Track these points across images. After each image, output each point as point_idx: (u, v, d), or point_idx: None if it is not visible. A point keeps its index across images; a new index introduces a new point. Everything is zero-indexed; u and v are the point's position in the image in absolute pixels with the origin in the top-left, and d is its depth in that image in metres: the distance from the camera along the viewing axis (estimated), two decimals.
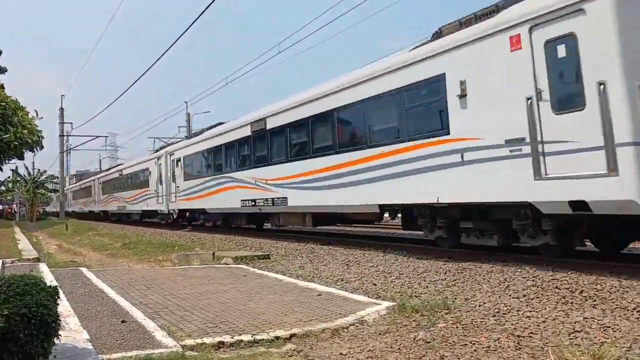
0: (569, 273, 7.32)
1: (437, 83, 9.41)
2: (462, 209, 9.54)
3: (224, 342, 4.94)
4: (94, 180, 45.44)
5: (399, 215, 12.36)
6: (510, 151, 8.09)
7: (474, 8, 9.90)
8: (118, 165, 42.76)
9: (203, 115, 72.71)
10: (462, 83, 8.89)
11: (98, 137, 48.66)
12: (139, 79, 48.38)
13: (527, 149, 7.85)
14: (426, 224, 10.56)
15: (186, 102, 45.23)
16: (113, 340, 5.04)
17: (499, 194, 8.41)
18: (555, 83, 7.56)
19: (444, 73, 9.25)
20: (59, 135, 47.93)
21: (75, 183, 60.71)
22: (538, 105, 7.70)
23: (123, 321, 5.80)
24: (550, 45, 7.58)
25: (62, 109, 47.97)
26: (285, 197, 14.54)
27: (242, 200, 17.09)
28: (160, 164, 26.01)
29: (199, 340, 4.96)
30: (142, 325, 5.59)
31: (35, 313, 3.64)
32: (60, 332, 3.98)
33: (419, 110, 10.01)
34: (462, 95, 8.89)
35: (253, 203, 16.36)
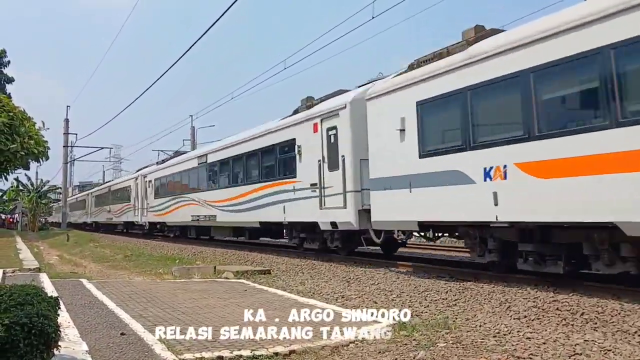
0: (570, 295, 7.30)
1: (292, 144, 14.44)
2: (302, 225, 14.50)
3: (222, 356, 4.92)
4: (88, 194, 49.99)
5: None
6: (312, 191, 13.30)
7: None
8: (108, 182, 47.50)
9: (208, 129, 73.34)
10: (299, 147, 14.04)
11: (102, 148, 48.55)
12: (147, 89, 49.01)
13: (318, 191, 13.05)
14: (290, 235, 15.86)
15: (191, 116, 45.39)
16: (112, 353, 5.03)
17: (308, 216, 13.61)
18: (329, 154, 12.75)
19: (295, 138, 14.28)
20: (63, 146, 48.07)
21: (72, 196, 61.49)
22: (323, 166, 12.95)
23: (122, 333, 5.79)
24: (328, 131, 12.80)
25: (67, 120, 48.19)
26: (215, 215, 19.50)
27: (192, 215, 21.79)
28: (137, 184, 30.71)
29: (197, 355, 4.94)
30: (141, 338, 5.57)
31: (36, 323, 3.65)
32: (59, 343, 3.98)
33: (283, 160, 15.13)
34: (299, 153, 13.98)
35: (198, 218, 21.20)
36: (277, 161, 15.36)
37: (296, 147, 14.08)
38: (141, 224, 30.13)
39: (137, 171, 33.30)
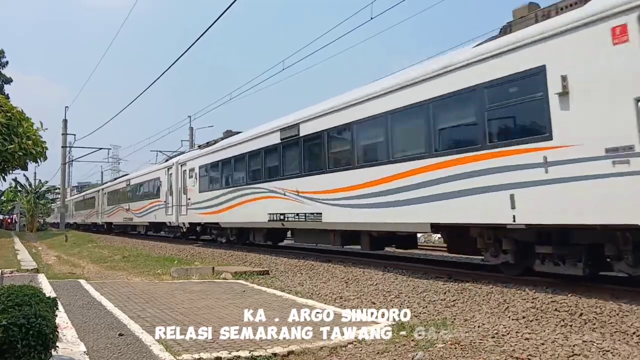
0: (568, 295, 7.30)
1: (533, 77, 7.74)
2: (539, 231, 8.08)
3: (221, 357, 4.92)
4: (99, 190, 43.17)
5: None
6: (614, 163, 6.59)
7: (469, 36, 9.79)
8: (125, 174, 39.93)
9: (206, 130, 73.49)
10: (564, 78, 7.21)
11: (101, 149, 48.36)
12: (146, 89, 48.83)
13: (636, 160, 6.34)
14: (489, 247, 9.20)
15: (190, 117, 45.40)
16: (110, 354, 5.02)
17: (594, 215, 6.93)
18: None
19: (544, 64, 7.56)
20: (62, 147, 48.05)
21: (76, 194, 60.52)
22: None
23: (120, 334, 5.78)
24: None
25: (65, 121, 48.10)
26: (319, 212, 12.98)
27: (269, 213, 15.32)
28: (170, 174, 24.52)
29: (196, 355, 4.94)
30: (139, 339, 5.57)
31: (34, 324, 3.64)
32: (57, 344, 3.97)
33: (505, 112, 8.35)
34: (563, 93, 7.24)
35: (282, 217, 14.70)
36: (482, 116, 8.61)
37: (549, 82, 7.46)
38: (177, 225, 23.71)
39: (168, 159, 27.55)
